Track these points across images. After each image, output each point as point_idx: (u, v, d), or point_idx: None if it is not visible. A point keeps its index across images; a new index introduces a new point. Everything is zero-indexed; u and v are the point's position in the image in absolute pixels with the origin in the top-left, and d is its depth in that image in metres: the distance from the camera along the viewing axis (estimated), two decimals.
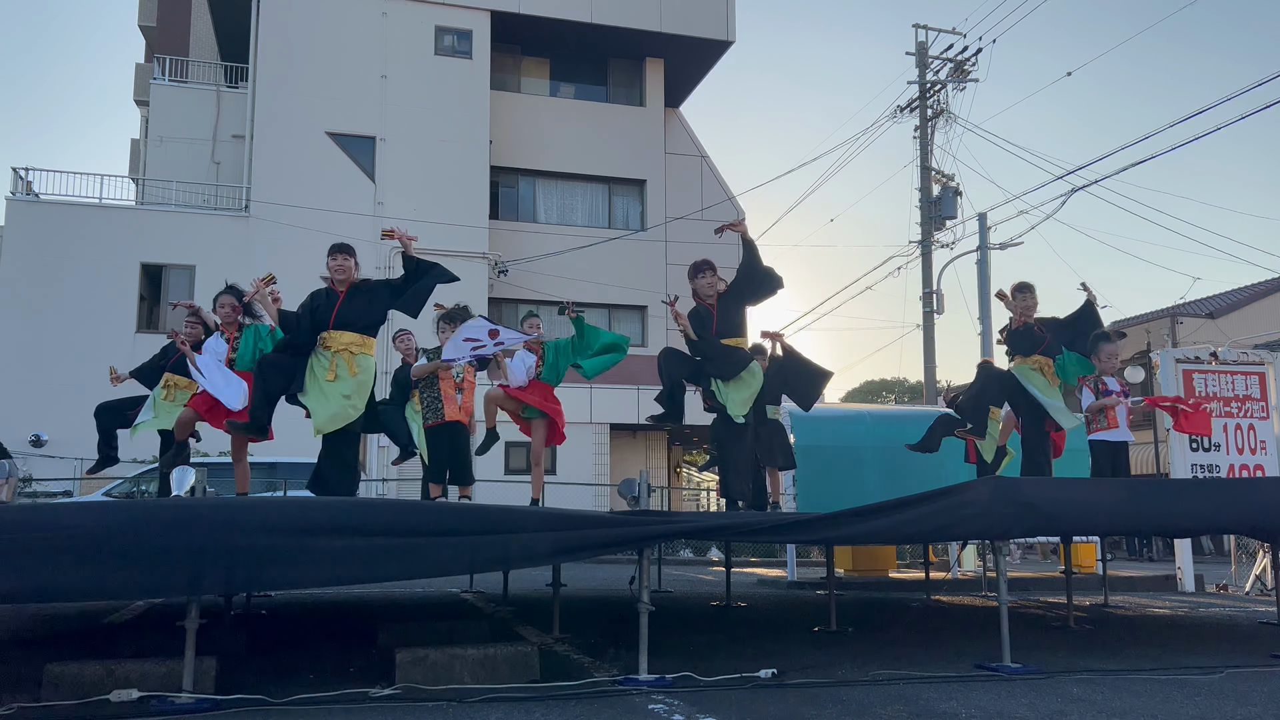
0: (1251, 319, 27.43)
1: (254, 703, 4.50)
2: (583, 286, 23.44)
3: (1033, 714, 4.45)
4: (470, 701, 4.61)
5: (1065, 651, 6.44)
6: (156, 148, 23.74)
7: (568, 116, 25.24)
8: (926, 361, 21.74)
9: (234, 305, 7.10)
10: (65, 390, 19.41)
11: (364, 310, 6.36)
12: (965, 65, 22.39)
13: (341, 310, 6.31)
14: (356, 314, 6.34)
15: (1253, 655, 6.41)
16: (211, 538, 4.45)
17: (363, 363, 6.32)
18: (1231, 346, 13.24)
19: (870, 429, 13.24)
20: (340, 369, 6.23)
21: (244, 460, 7.09)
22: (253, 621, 7.71)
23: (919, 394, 32.75)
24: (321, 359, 6.29)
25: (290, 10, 22.44)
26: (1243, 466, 11.95)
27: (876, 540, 9.27)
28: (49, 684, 4.62)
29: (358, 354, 6.31)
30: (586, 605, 9.36)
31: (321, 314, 6.34)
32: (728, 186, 26.51)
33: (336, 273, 6.35)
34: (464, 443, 7.89)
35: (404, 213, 22.14)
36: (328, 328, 6.30)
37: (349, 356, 6.27)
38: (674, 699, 4.72)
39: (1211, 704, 4.74)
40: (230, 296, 7.15)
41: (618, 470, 22.25)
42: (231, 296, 7.15)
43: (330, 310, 6.32)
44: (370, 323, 6.39)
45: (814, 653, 6.31)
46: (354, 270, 6.44)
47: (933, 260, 22.12)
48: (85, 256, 20.35)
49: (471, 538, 4.99)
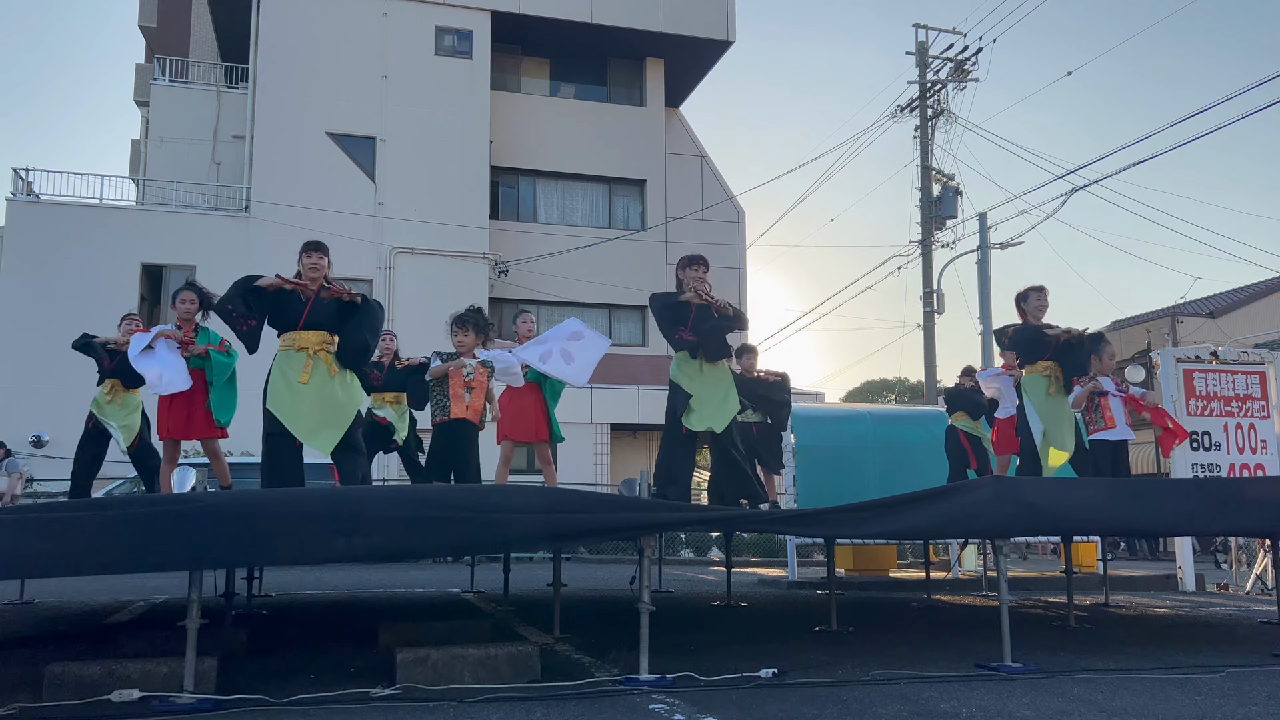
0: (1252, 318, 27.43)
1: (255, 703, 4.50)
2: (583, 287, 23.46)
3: (1034, 714, 4.45)
4: (471, 701, 4.61)
5: (1066, 651, 6.44)
6: (157, 148, 23.76)
7: (568, 116, 25.25)
8: (927, 361, 21.76)
9: (193, 301, 7.10)
10: (66, 391, 19.36)
11: (334, 315, 6.19)
12: (965, 65, 22.40)
13: (313, 311, 6.14)
14: (327, 316, 6.18)
15: (1254, 655, 6.40)
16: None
17: (337, 361, 6.20)
18: (1232, 346, 13.25)
19: (871, 429, 13.25)
20: (317, 369, 6.06)
21: (221, 456, 7.26)
22: (253, 621, 7.71)
23: (919, 394, 32.73)
24: (293, 361, 6.06)
25: (290, 10, 22.45)
26: (1243, 466, 11.95)
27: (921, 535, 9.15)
28: (50, 684, 4.62)
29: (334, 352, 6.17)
30: (587, 605, 9.36)
31: (290, 312, 6.13)
32: (728, 186, 26.53)
33: (310, 271, 6.17)
34: (469, 442, 7.89)
35: (404, 213, 22.19)
36: (295, 328, 6.12)
37: (326, 356, 6.13)
38: (675, 699, 4.72)
39: (1212, 703, 4.74)
40: (191, 292, 7.16)
41: (618, 470, 22.26)
42: (192, 293, 7.16)
43: (300, 310, 6.12)
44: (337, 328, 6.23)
45: (815, 652, 6.31)
46: (327, 269, 6.27)
47: (933, 260, 22.15)
48: (86, 257, 20.37)
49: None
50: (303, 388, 5.99)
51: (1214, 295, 30.95)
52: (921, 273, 22.17)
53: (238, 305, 6.05)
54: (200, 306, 7.13)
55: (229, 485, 7.11)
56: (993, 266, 19.92)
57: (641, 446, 23.87)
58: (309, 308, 6.14)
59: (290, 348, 6.11)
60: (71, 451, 8.03)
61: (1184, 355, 12.48)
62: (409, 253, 22.17)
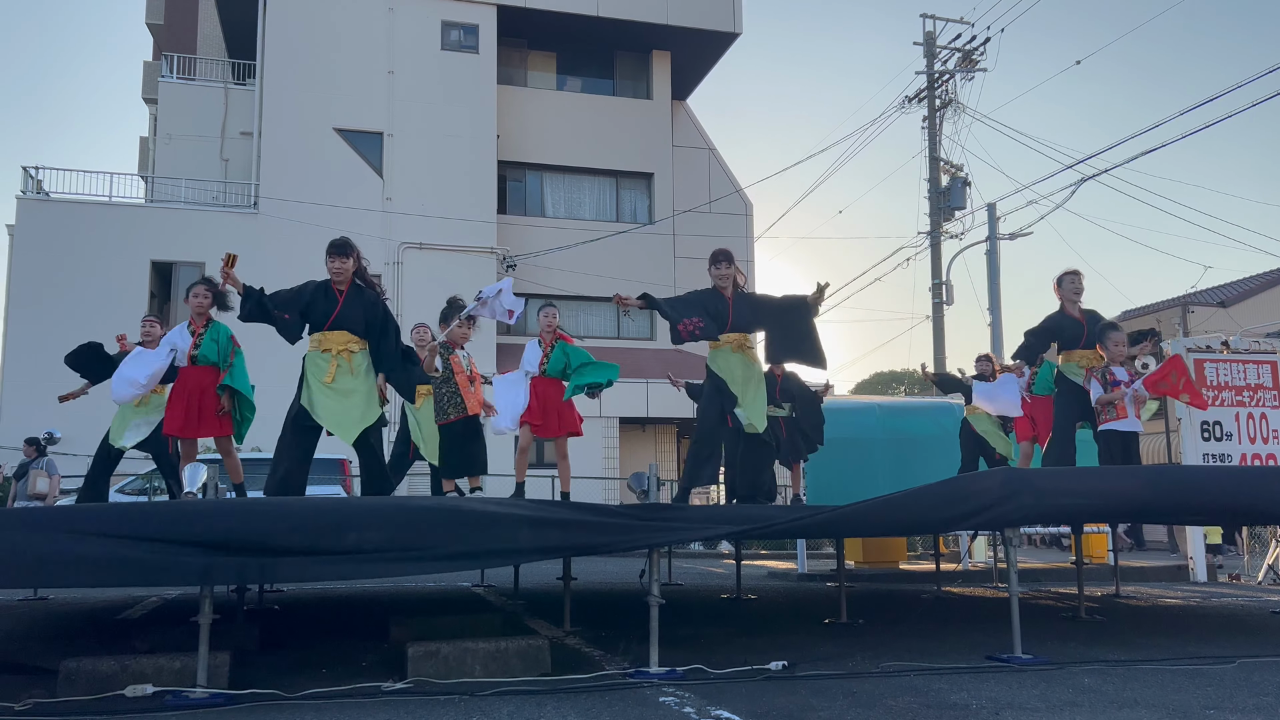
0: (1263, 307, 27.28)
1: (267, 697, 4.52)
2: (591, 280, 23.45)
3: (1044, 705, 4.45)
4: (482, 695, 4.63)
5: (1076, 642, 6.43)
6: (165, 145, 23.82)
7: (575, 110, 25.22)
8: (936, 352, 21.70)
9: (206, 295, 7.12)
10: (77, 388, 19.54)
11: (360, 319, 6.29)
12: (973, 55, 22.31)
13: (341, 312, 6.25)
14: (354, 318, 6.28)
15: (1266, 645, 6.39)
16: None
17: (360, 361, 6.28)
18: (1243, 335, 13.15)
19: (880, 421, 13.24)
20: (340, 369, 6.18)
21: (233, 453, 7.28)
22: (265, 616, 7.75)
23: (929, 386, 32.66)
24: (319, 361, 6.20)
25: (297, 7, 22.46)
26: (1254, 455, 11.90)
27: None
28: (64, 679, 4.65)
29: (357, 352, 6.27)
30: (597, 599, 9.38)
31: (318, 312, 6.25)
32: (735, 179, 26.47)
33: (336, 274, 6.27)
34: (478, 434, 7.94)
35: (412, 208, 22.21)
36: (323, 328, 6.23)
37: (349, 356, 6.22)
38: (685, 691, 4.73)
39: (1224, 694, 4.73)
40: (203, 286, 7.19)
41: (627, 464, 22.27)
42: (204, 286, 7.19)
43: (329, 311, 6.24)
44: (363, 332, 6.32)
45: (825, 644, 6.31)
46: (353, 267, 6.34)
47: (942, 251, 22.08)
48: (95, 254, 20.45)
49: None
50: (328, 386, 6.13)
51: (1225, 284, 30.79)
52: (930, 264, 22.12)
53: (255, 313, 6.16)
54: (213, 302, 7.16)
55: (241, 482, 7.12)
56: (1002, 257, 19.86)
57: (650, 440, 23.87)
58: (338, 309, 6.24)
59: (317, 348, 6.25)
60: (84, 448, 8.09)
61: (1195, 345, 12.42)
62: (417, 248, 22.19)
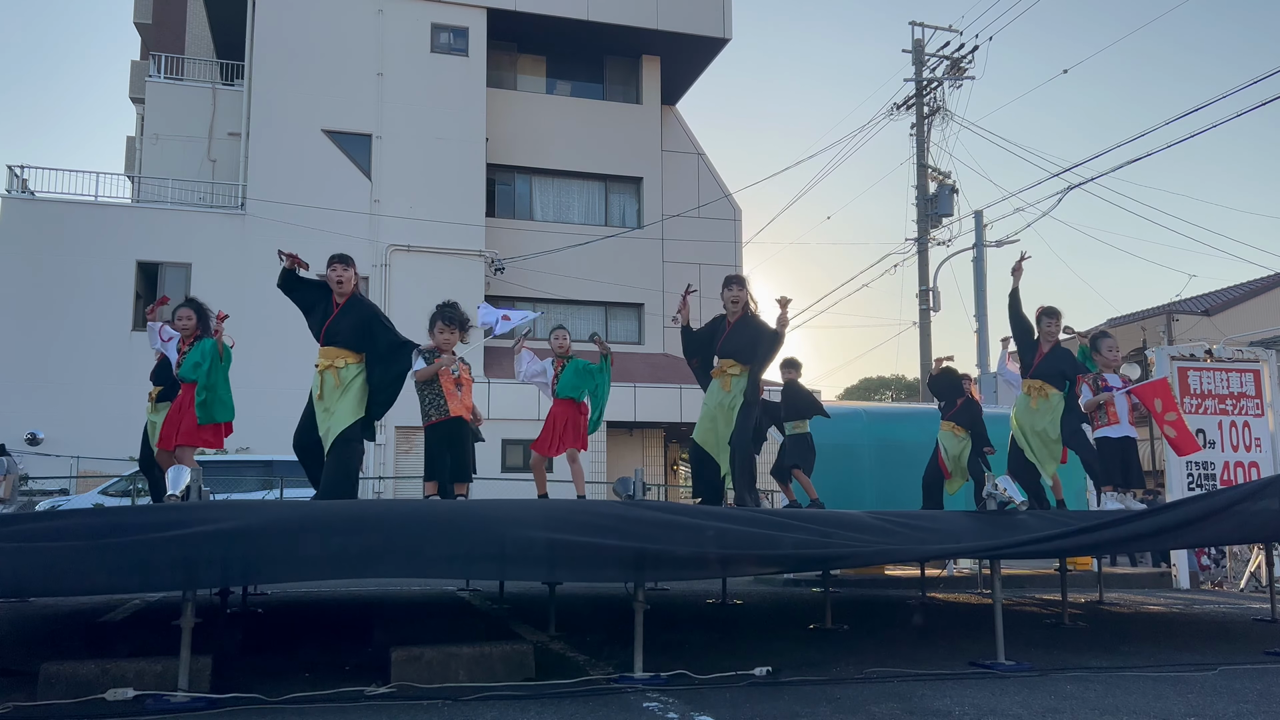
0: (1247, 316, 27.44)
1: (249, 701, 4.50)
2: (579, 284, 23.45)
3: (1026, 712, 4.46)
4: (466, 700, 4.62)
5: (1060, 649, 6.45)
6: (152, 145, 23.71)
7: (564, 114, 25.22)
8: (923, 359, 21.78)
9: (190, 317, 7.14)
10: (61, 389, 19.40)
11: (351, 333, 6.36)
12: (962, 63, 22.45)
13: (333, 325, 6.32)
14: (345, 333, 6.34)
15: (1247, 652, 6.42)
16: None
17: (347, 374, 6.33)
18: (1227, 344, 13.25)
19: (866, 427, 13.26)
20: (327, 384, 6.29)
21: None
22: (248, 620, 7.71)
23: (915, 391, 32.77)
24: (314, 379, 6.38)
25: (286, 8, 22.40)
26: (1237, 464, 11.98)
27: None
28: (45, 683, 4.62)
29: (342, 368, 6.33)
30: (582, 603, 9.36)
31: (317, 317, 6.37)
32: (724, 184, 26.51)
33: (336, 284, 6.34)
34: (464, 439, 7.90)
35: (400, 210, 22.16)
36: (318, 339, 6.35)
37: (335, 372, 6.30)
38: (669, 697, 4.73)
39: (1205, 701, 4.76)
40: (189, 309, 7.21)
41: (614, 468, 22.25)
42: (190, 309, 7.21)
43: (321, 324, 6.34)
44: (354, 347, 6.37)
45: (809, 650, 6.32)
46: (352, 281, 6.43)
47: (929, 258, 22.19)
48: (81, 254, 20.32)
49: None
50: (319, 402, 6.34)
51: (1209, 293, 30.98)
52: (918, 270, 22.23)
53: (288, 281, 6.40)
54: (197, 323, 7.17)
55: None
56: (989, 264, 19.96)
57: (637, 444, 23.85)
58: (329, 321, 6.33)
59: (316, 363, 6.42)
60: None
61: (1179, 353, 12.50)
62: (405, 250, 22.14)
